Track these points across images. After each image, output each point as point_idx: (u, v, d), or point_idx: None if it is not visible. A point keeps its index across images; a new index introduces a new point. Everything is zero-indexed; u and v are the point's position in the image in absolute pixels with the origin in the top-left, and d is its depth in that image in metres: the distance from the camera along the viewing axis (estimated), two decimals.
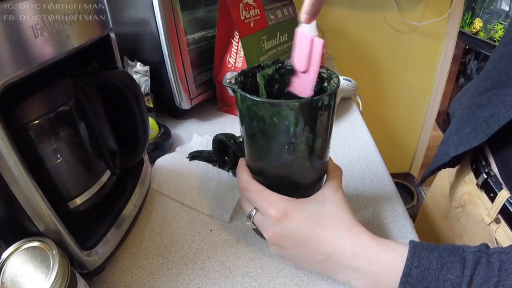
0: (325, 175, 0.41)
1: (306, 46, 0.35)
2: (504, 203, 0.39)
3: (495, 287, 0.27)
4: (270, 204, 0.35)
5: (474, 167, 0.46)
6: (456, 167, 0.53)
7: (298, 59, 0.36)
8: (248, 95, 0.32)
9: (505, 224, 0.39)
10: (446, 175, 0.59)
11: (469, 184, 0.47)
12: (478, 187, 0.44)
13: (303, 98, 0.36)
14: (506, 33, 0.42)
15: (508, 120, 0.35)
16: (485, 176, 0.42)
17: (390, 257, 0.32)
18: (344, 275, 0.34)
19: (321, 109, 0.33)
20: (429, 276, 0.29)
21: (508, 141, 0.39)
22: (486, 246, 0.31)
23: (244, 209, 0.39)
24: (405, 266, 0.30)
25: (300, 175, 0.38)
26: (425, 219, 0.69)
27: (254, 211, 0.37)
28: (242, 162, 0.41)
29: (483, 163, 0.44)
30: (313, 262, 0.36)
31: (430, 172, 0.53)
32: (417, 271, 0.29)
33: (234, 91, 0.34)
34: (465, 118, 0.44)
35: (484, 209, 0.43)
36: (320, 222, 0.35)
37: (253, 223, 0.38)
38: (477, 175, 0.45)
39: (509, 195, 0.39)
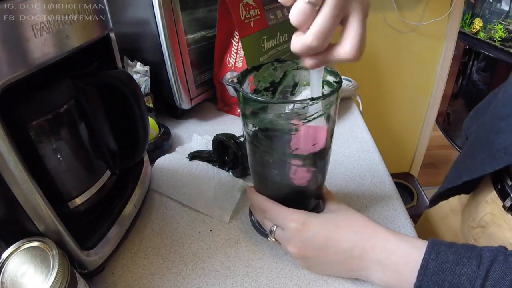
0: (320, 200, 0.43)
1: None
2: None
3: (510, 284, 0.28)
4: (287, 218, 0.37)
5: (499, 187, 0.43)
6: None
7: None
8: (251, 95, 0.32)
9: None
10: None
11: (492, 204, 0.44)
12: (505, 209, 0.41)
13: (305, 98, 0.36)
14: None
15: None
16: None
17: (408, 249, 0.33)
18: (367, 270, 0.35)
19: (323, 108, 0.33)
20: (446, 269, 0.30)
21: None
22: (504, 247, 0.31)
23: (265, 226, 0.41)
24: (423, 258, 0.31)
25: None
26: (430, 233, 0.65)
27: (275, 226, 0.38)
28: (251, 188, 0.42)
29: (510, 183, 0.41)
30: (337, 264, 0.36)
31: (440, 194, 0.50)
32: (434, 264, 0.30)
33: (236, 90, 0.34)
34: (481, 143, 0.43)
35: (511, 232, 0.41)
36: (336, 224, 0.36)
37: (274, 238, 0.39)
38: (503, 197, 0.42)
39: None
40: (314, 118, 0.32)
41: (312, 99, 0.31)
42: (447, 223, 0.60)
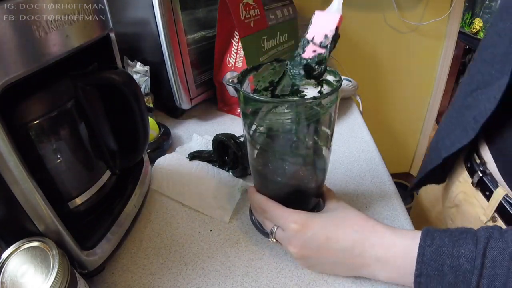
0: (321, 198, 0.43)
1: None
2: (500, 201, 0.40)
3: (510, 258, 0.28)
4: (287, 219, 0.37)
5: (468, 165, 0.46)
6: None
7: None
8: (252, 95, 0.32)
9: (502, 223, 0.40)
10: None
11: (464, 183, 0.47)
12: (473, 185, 0.44)
13: (306, 97, 0.36)
14: (485, 38, 0.43)
15: (491, 111, 0.37)
16: (480, 175, 0.43)
17: (404, 241, 0.33)
18: (368, 268, 0.35)
19: (323, 107, 0.33)
20: (443, 253, 0.30)
21: (504, 135, 0.39)
22: (499, 227, 0.31)
23: (265, 226, 0.41)
24: (419, 246, 0.31)
25: (302, 178, 0.38)
26: (420, 221, 0.68)
27: (276, 227, 0.38)
28: (252, 188, 0.43)
29: (478, 162, 0.44)
30: (338, 263, 0.37)
31: (419, 180, 0.52)
32: (430, 249, 0.30)
33: (237, 90, 0.34)
34: (454, 120, 0.45)
35: (480, 208, 0.43)
36: (335, 224, 0.37)
37: (275, 239, 0.39)
38: (471, 174, 0.45)
39: (505, 193, 0.39)
40: (317, 117, 0.32)
41: (314, 98, 0.31)
42: (432, 209, 0.63)
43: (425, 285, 0.31)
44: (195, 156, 0.57)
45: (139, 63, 0.66)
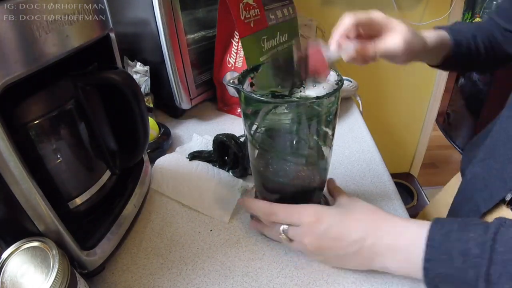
0: (322, 199, 0.43)
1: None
2: None
3: None
4: (300, 213, 0.37)
5: None
6: None
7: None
8: (254, 95, 0.32)
9: None
10: (453, 192, 0.55)
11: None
12: (504, 203, 0.42)
13: (308, 97, 0.36)
14: None
15: None
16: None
17: (415, 229, 0.33)
18: (380, 257, 0.35)
19: (324, 108, 0.33)
20: (452, 237, 0.30)
21: None
22: (510, 219, 0.31)
23: (273, 231, 0.40)
24: (428, 231, 0.32)
25: (304, 178, 0.38)
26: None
27: (287, 226, 0.38)
28: (247, 198, 0.42)
29: None
30: (352, 255, 0.37)
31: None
32: (440, 233, 0.31)
33: (238, 91, 0.34)
34: (494, 172, 0.43)
35: None
36: (347, 216, 0.37)
37: (287, 237, 0.38)
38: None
39: None
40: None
41: (317, 97, 0.31)
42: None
43: (432, 271, 0.31)
44: (195, 156, 0.57)
45: (139, 63, 0.66)
